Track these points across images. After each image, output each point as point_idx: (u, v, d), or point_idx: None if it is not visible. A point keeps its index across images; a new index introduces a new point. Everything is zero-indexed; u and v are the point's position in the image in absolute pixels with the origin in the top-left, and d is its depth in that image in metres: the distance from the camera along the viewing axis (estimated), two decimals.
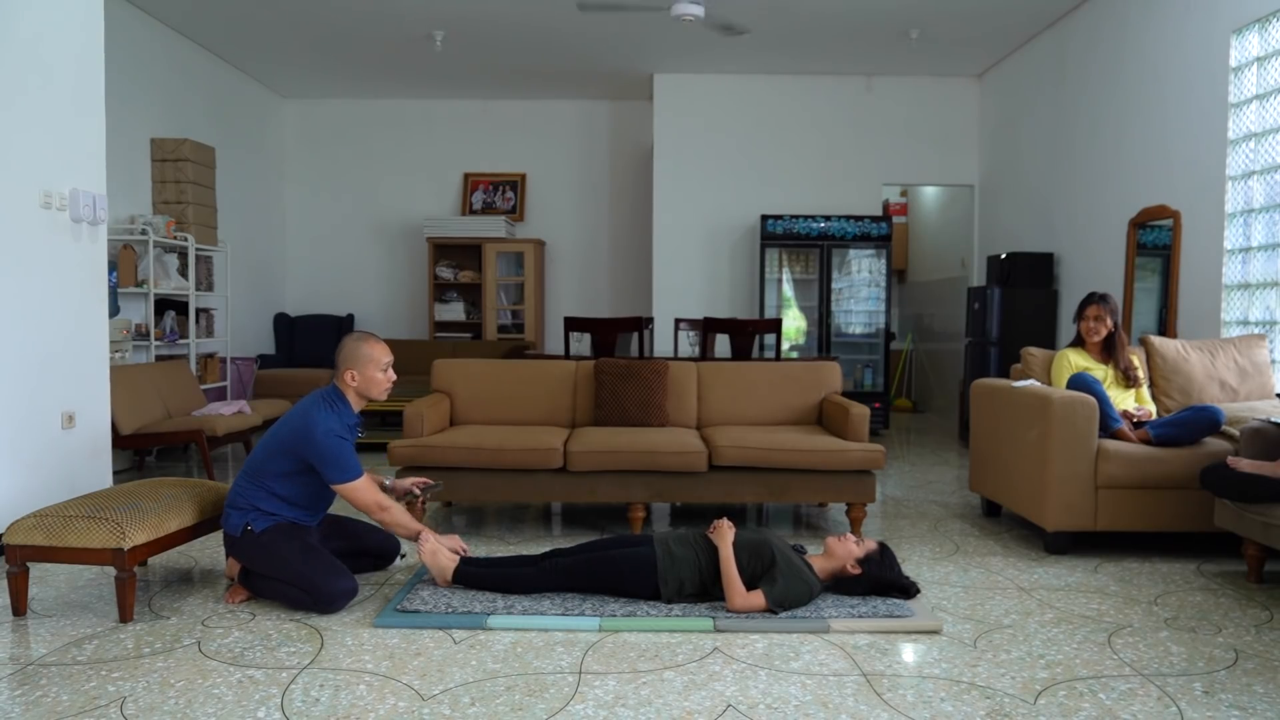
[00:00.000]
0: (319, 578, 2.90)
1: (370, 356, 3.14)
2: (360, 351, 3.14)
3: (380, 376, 3.16)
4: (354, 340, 3.18)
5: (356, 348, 3.15)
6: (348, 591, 2.94)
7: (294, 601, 2.94)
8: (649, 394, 4.44)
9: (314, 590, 2.89)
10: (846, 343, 7.88)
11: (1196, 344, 4.26)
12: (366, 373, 3.13)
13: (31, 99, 3.77)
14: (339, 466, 2.99)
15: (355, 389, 3.14)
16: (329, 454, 2.97)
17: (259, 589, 3.04)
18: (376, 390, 3.17)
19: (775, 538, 3.07)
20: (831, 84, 8.05)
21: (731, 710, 2.22)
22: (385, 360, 3.18)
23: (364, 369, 3.13)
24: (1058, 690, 2.36)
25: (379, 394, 3.18)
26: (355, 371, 3.13)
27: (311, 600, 2.90)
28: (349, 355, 3.14)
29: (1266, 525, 3.16)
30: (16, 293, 3.70)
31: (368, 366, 3.13)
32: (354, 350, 3.14)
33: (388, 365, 3.19)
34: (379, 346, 3.18)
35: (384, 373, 3.17)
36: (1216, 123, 4.74)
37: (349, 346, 3.16)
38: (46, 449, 3.83)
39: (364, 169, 8.91)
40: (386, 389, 3.20)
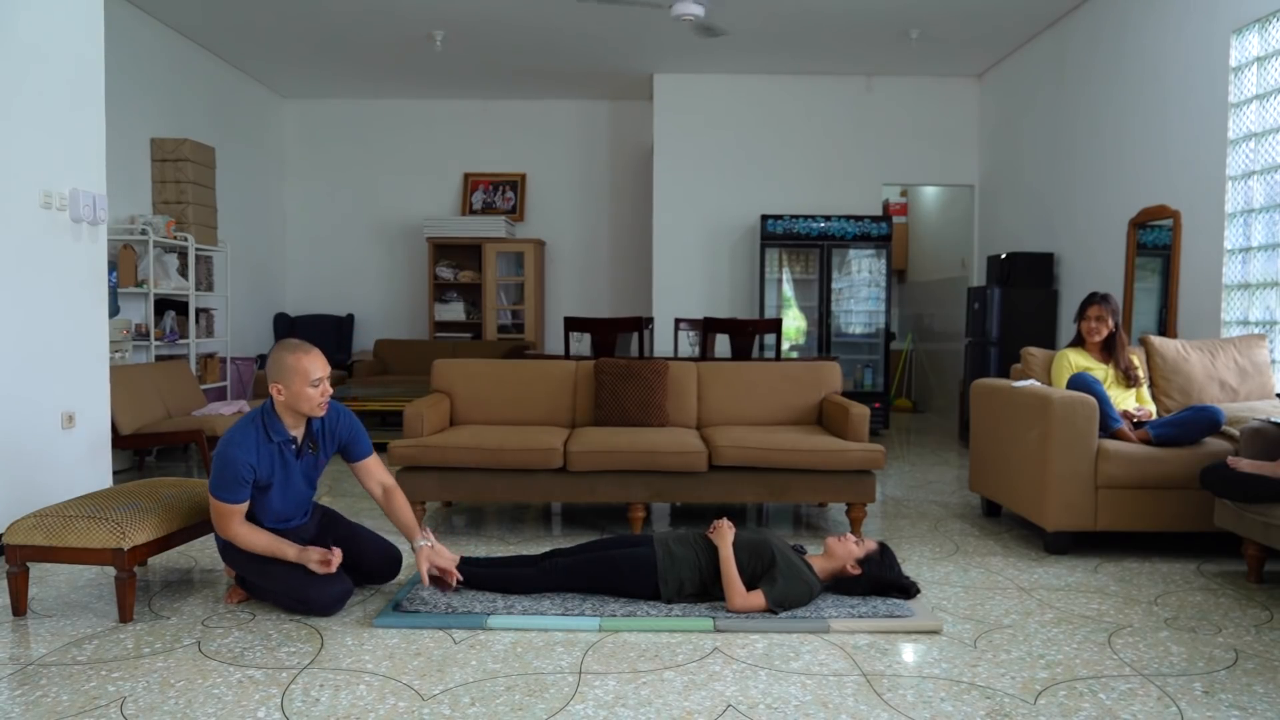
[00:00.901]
0: (309, 590, 2.85)
1: (295, 369, 2.85)
2: (285, 363, 2.85)
3: (310, 391, 2.86)
4: (280, 350, 2.90)
5: (282, 359, 2.86)
6: (340, 596, 2.90)
7: (290, 607, 2.92)
8: (649, 394, 4.44)
9: (305, 600, 2.86)
10: (846, 343, 7.88)
11: (1196, 344, 4.26)
12: (293, 387, 2.86)
13: (32, 99, 3.77)
14: (218, 480, 2.81)
15: (284, 402, 2.88)
16: (219, 466, 2.81)
17: (256, 590, 3.02)
18: (307, 406, 2.88)
19: (775, 538, 3.08)
20: (831, 84, 8.05)
21: (731, 710, 2.22)
22: (316, 374, 2.87)
23: (290, 383, 2.85)
24: (1058, 690, 2.36)
25: (310, 410, 2.90)
26: (281, 385, 2.87)
27: (305, 610, 2.88)
28: (274, 367, 2.87)
29: (1266, 525, 3.16)
30: (16, 293, 3.70)
31: (294, 380, 2.85)
32: (279, 362, 2.87)
33: (319, 380, 2.88)
34: (308, 358, 2.87)
35: (314, 388, 2.86)
36: (1216, 123, 4.74)
37: (274, 356, 2.89)
38: (46, 449, 3.83)
39: (364, 169, 8.92)
40: (320, 404, 2.90)
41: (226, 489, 2.83)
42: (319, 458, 3.05)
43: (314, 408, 2.91)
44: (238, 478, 2.82)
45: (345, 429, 3.08)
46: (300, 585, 2.85)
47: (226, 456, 2.82)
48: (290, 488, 2.99)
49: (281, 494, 2.97)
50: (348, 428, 3.09)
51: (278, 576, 2.88)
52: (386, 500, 3.12)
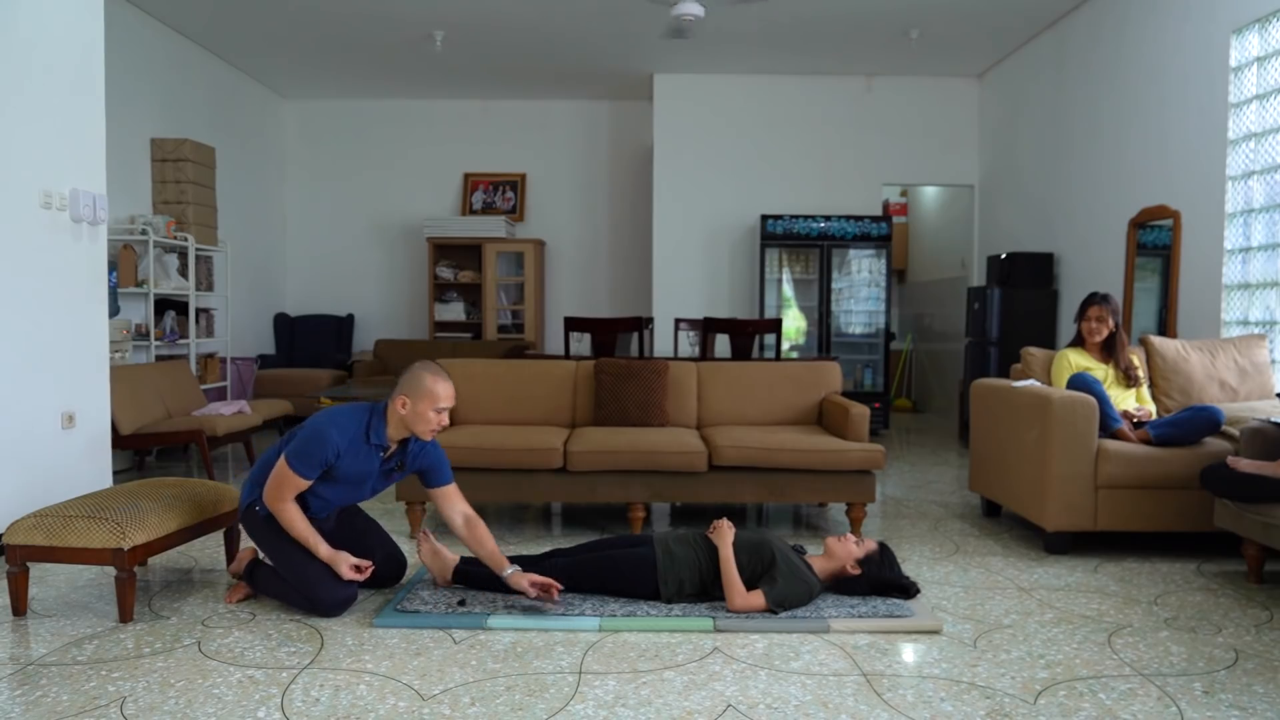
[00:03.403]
0: (317, 586, 2.83)
1: (430, 392, 2.85)
2: (423, 384, 2.86)
3: (432, 416, 2.87)
4: (420, 369, 2.90)
5: (421, 378, 2.87)
6: (345, 600, 2.88)
7: (293, 603, 2.92)
8: (649, 394, 4.44)
9: (312, 598, 2.85)
10: (846, 343, 7.88)
11: (1196, 344, 4.26)
12: (419, 407, 2.85)
13: (32, 99, 3.77)
14: (300, 451, 2.79)
15: (402, 417, 2.88)
16: (307, 437, 2.80)
17: (261, 584, 3.01)
18: (422, 427, 2.88)
19: (775, 538, 3.08)
20: (831, 84, 8.05)
21: (731, 710, 2.22)
22: (445, 403, 2.88)
23: (418, 402, 2.85)
24: (1058, 690, 2.36)
25: (422, 433, 2.90)
26: (408, 400, 2.86)
27: (309, 606, 2.87)
28: (409, 382, 2.87)
29: (1266, 525, 3.16)
30: (17, 293, 3.70)
31: (423, 401, 2.85)
32: (417, 380, 2.87)
33: (445, 409, 2.90)
34: (444, 386, 2.88)
35: (437, 413, 2.88)
36: (1216, 123, 4.74)
37: (415, 373, 2.89)
38: (46, 449, 3.83)
39: (364, 169, 8.92)
40: (434, 431, 2.92)
41: (304, 461, 2.81)
42: (396, 475, 3.05)
43: (426, 432, 2.91)
44: (322, 457, 2.81)
45: (431, 456, 3.07)
46: (311, 581, 2.84)
47: (323, 434, 2.81)
48: (355, 490, 2.99)
49: (343, 491, 2.97)
50: (434, 455, 3.08)
51: (293, 564, 2.86)
52: (469, 530, 3.02)
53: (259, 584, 3.03)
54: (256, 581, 3.03)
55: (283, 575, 2.91)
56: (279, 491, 2.84)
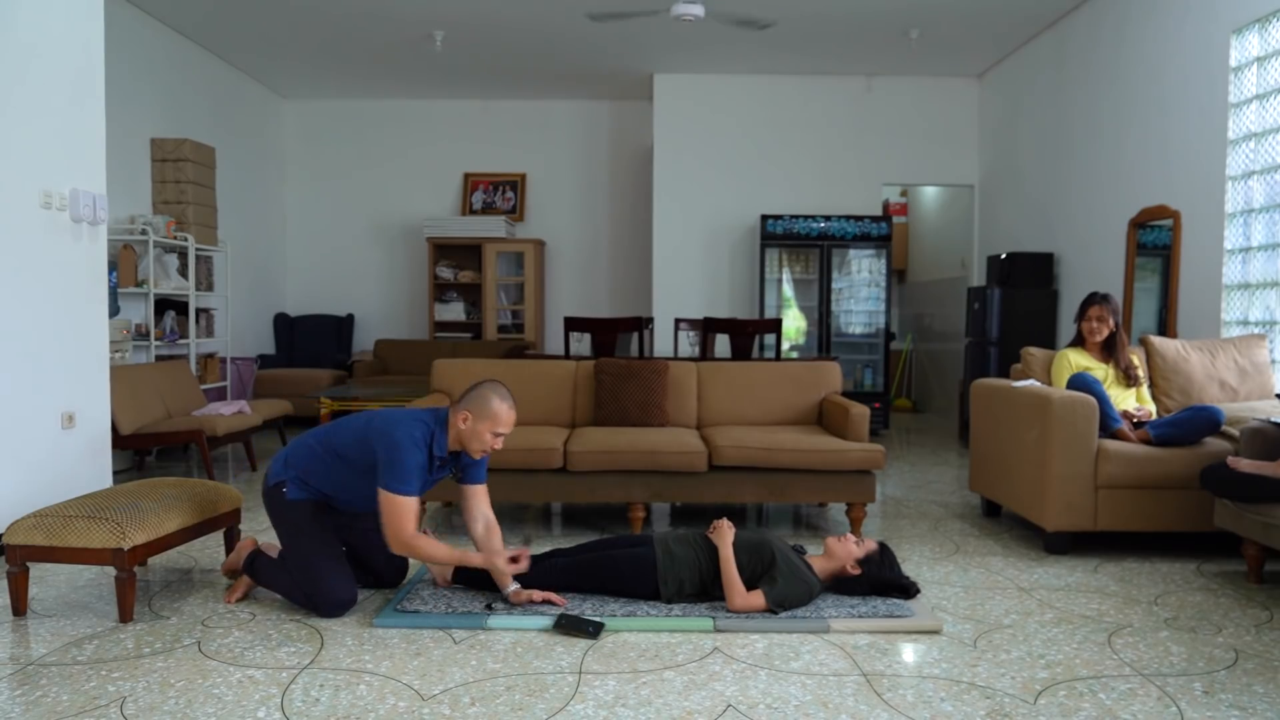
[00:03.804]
0: (322, 582, 2.82)
1: (494, 415, 2.85)
2: (489, 405, 2.85)
3: (488, 438, 2.86)
4: (489, 390, 2.89)
5: (488, 399, 2.86)
6: (346, 603, 2.87)
7: (294, 599, 2.92)
8: (649, 394, 4.44)
9: (314, 595, 2.84)
10: (846, 343, 7.88)
11: (1196, 344, 4.26)
12: (479, 426, 2.84)
13: (32, 99, 3.77)
14: (396, 472, 2.73)
15: (460, 431, 2.87)
16: (395, 456, 2.74)
17: (261, 575, 2.99)
18: (476, 446, 2.88)
19: (775, 538, 3.08)
20: (831, 84, 8.05)
21: (731, 710, 2.22)
22: (505, 428, 2.88)
23: (480, 422, 2.84)
24: (1058, 690, 2.36)
25: (473, 450, 2.90)
26: (471, 416, 2.85)
27: (309, 604, 2.87)
28: (478, 401, 2.86)
29: (1266, 525, 3.16)
30: (17, 293, 3.70)
31: (484, 422, 2.84)
32: (484, 399, 2.86)
33: (503, 434, 2.90)
34: (507, 411, 2.88)
35: (494, 436, 2.87)
36: (1216, 123, 4.74)
37: (482, 392, 2.88)
38: (46, 449, 3.83)
39: (364, 169, 8.92)
40: (485, 452, 2.91)
41: (405, 480, 2.75)
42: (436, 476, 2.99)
43: (478, 450, 2.90)
44: (418, 464, 2.78)
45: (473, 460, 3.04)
46: (315, 578, 2.83)
47: (401, 445, 2.74)
48: None
49: None
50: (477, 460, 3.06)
51: (301, 553, 2.86)
52: (487, 536, 3.00)
53: (259, 575, 3.01)
54: (257, 572, 3.02)
55: (289, 567, 2.89)
56: (402, 524, 2.75)
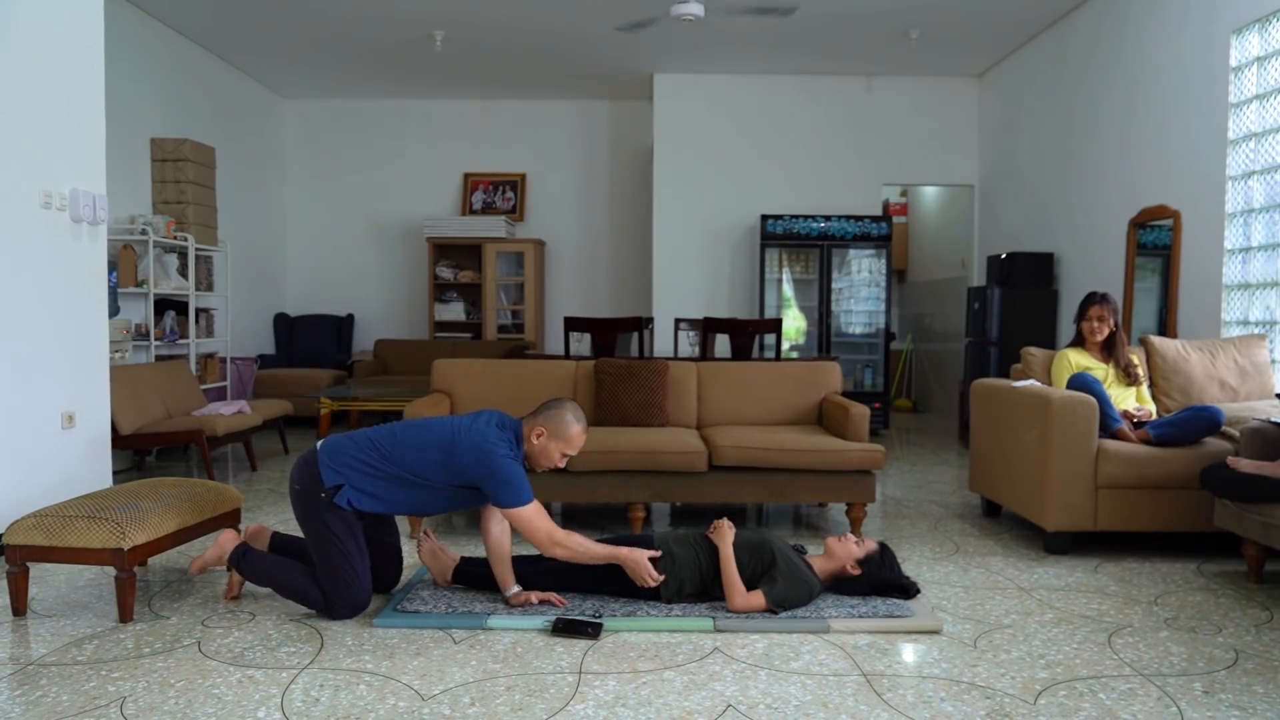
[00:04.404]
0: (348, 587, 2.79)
1: (568, 437, 2.88)
2: (568, 428, 2.88)
3: (556, 457, 2.90)
4: (569, 411, 2.91)
5: (568, 421, 2.88)
6: (364, 605, 2.85)
7: (299, 594, 2.85)
8: (649, 394, 4.44)
9: (336, 596, 2.79)
10: (846, 343, 7.88)
11: (1196, 344, 4.26)
12: (551, 445, 2.87)
13: (32, 99, 3.77)
14: (514, 489, 2.74)
15: (532, 448, 2.88)
16: (505, 474, 2.74)
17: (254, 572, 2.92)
18: (542, 463, 2.91)
19: (776, 538, 3.08)
20: (831, 84, 8.05)
21: (731, 710, 2.22)
22: (575, 450, 2.93)
23: (553, 441, 2.87)
24: (1058, 690, 2.36)
25: (539, 467, 2.92)
26: (546, 434, 2.87)
27: (324, 601, 2.81)
28: (556, 419, 2.88)
29: (1266, 525, 3.16)
30: (17, 293, 3.70)
31: (556, 442, 2.88)
32: (564, 420, 2.88)
33: (570, 455, 2.94)
34: (581, 434, 2.92)
35: (561, 456, 2.91)
36: (1216, 123, 4.74)
37: (564, 413, 2.90)
38: (46, 449, 3.83)
39: (364, 169, 8.92)
40: (546, 469, 2.94)
41: (524, 490, 2.76)
42: None
43: (541, 467, 2.92)
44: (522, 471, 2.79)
45: None
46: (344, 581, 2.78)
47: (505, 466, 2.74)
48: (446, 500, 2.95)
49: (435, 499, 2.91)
50: None
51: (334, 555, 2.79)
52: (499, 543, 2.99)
53: (253, 571, 2.94)
54: (248, 568, 2.94)
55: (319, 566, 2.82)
56: (544, 529, 2.77)
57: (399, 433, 2.88)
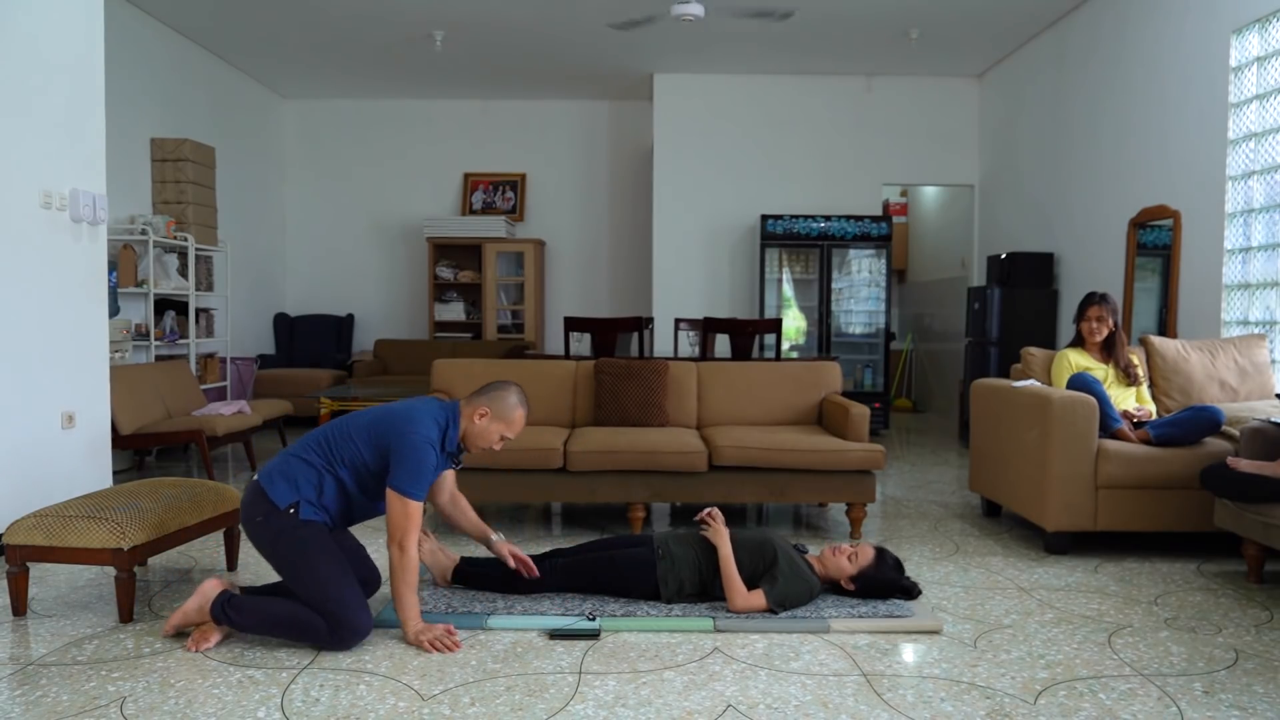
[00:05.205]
0: (346, 610, 2.55)
1: (511, 419, 2.81)
2: (512, 410, 2.80)
3: (495, 439, 2.82)
4: (514, 393, 2.84)
5: (513, 404, 2.81)
6: (368, 629, 2.62)
7: (300, 628, 2.57)
8: (649, 394, 4.44)
9: (338, 621, 2.54)
10: (846, 343, 7.88)
11: (1196, 344, 4.26)
12: (492, 427, 2.79)
13: (32, 99, 3.77)
14: (413, 475, 2.59)
15: (472, 427, 2.79)
16: (417, 458, 2.60)
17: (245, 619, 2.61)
18: (480, 444, 2.82)
19: (777, 536, 3.08)
20: (831, 84, 8.05)
21: (731, 710, 2.22)
22: (514, 433, 2.86)
23: (495, 422, 2.79)
24: (1058, 690, 2.36)
25: (474, 448, 2.84)
26: (490, 414, 2.78)
27: (329, 630, 2.55)
28: (500, 401, 2.80)
29: (1266, 525, 3.16)
30: (16, 292, 3.70)
31: (499, 424, 2.79)
32: (508, 402, 2.80)
33: (509, 439, 2.86)
34: (523, 418, 2.86)
35: (500, 439, 2.83)
36: (1216, 123, 4.74)
37: (508, 395, 2.82)
38: (46, 449, 3.83)
39: (364, 169, 8.92)
40: (482, 450, 2.86)
41: (422, 482, 2.62)
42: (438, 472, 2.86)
43: (476, 449, 2.85)
44: (432, 466, 2.65)
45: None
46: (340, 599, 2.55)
47: (420, 446, 2.61)
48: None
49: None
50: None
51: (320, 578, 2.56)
52: (454, 505, 3.01)
53: (243, 618, 2.61)
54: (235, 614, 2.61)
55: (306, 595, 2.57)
56: (409, 529, 2.59)
57: (337, 424, 2.76)
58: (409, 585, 2.63)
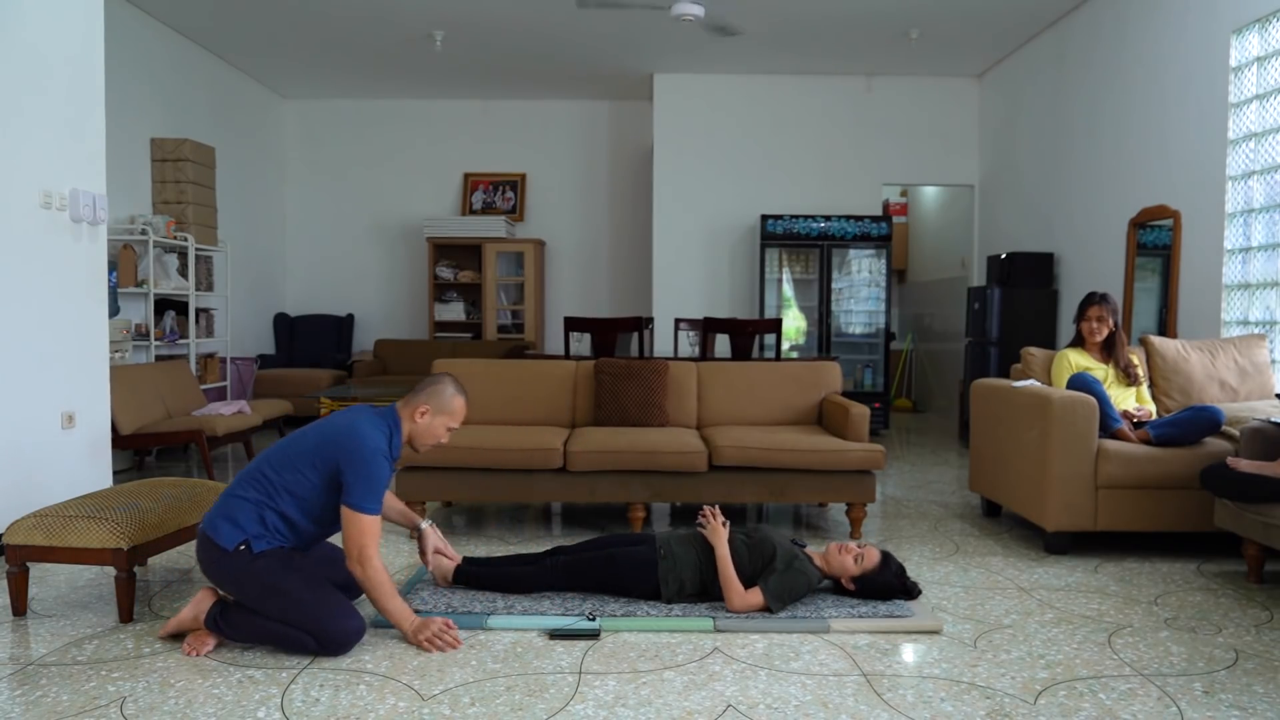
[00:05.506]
0: (328, 619, 2.52)
1: (453, 410, 2.81)
2: (448, 400, 2.80)
3: (443, 433, 2.83)
4: (450, 384, 2.83)
5: (450, 395, 2.80)
6: (358, 632, 2.58)
7: (290, 643, 2.54)
8: (649, 394, 4.44)
9: (322, 634, 2.51)
10: (846, 343, 7.88)
11: (1196, 344, 4.26)
12: (436, 421, 2.79)
13: (32, 99, 3.77)
14: (368, 490, 2.55)
15: (416, 427, 2.78)
16: (369, 472, 2.55)
17: (238, 629, 2.58)
18: (427, 441, 2.81)
19: (773, 532, 3.08)
20: (831, 84, 8.05)
21: (731, 710, 2.22)
22: (458, 424, 2.86)
23: (437, 416, 2.79)
24: (1058, 690, 2.36)
25: (422, 447, 2.83)
26: (430, 411, 2.77)
27: (317, 644, 2.52)
28: (437, 395, 2.79)
29: (1266, 525, 3.16)
30: (16, 293, 3.70)
31: (441, 417, 2.79)
32: (445, 395, 2.80)
33: (455, 429, 2.87)
34: (464, 406, 2.85)
35: (446, 431, 2.83)
36: (1216, 123, 4.74)
37: (443, 387, 2.81)
38: (46, 449, 3.83)
39: (364, 169, 8.92)
40: (432, 447, 2.87)
41: (377, 497, 2.58)
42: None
43: (425, 446, 2.84)
44: (385, 477, 2.61)
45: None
46: (318, 613, 2.52)
47: (374, 456, 2.58)
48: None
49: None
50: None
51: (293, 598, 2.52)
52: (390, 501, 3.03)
53: (235, 629, 2.59)
54: (229, 626, 2.59)
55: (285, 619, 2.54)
56: (368, 545, 2.55)
57: (273, 454, 2.67)
58: (387, 596, 2.60)
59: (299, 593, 2.54)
